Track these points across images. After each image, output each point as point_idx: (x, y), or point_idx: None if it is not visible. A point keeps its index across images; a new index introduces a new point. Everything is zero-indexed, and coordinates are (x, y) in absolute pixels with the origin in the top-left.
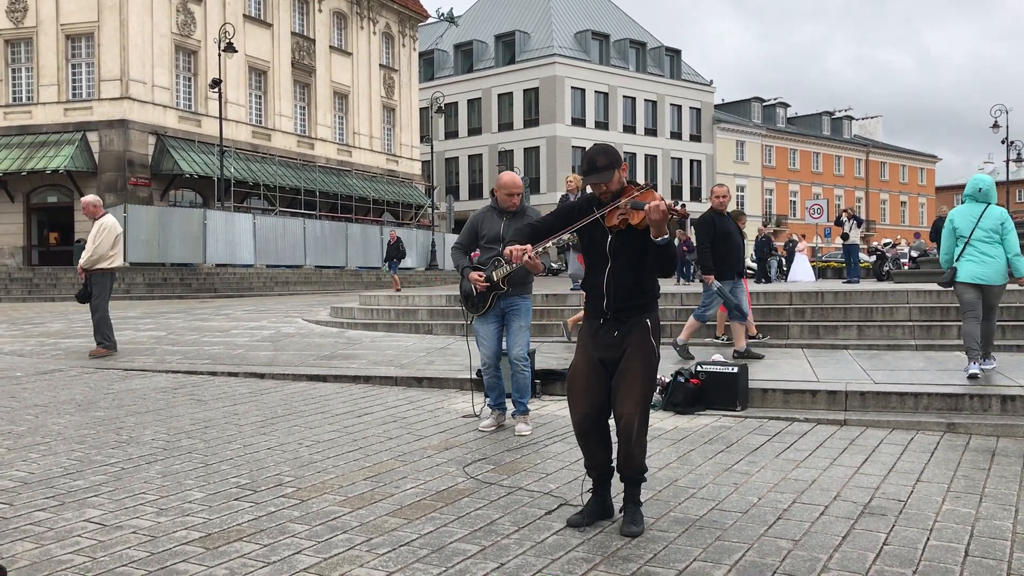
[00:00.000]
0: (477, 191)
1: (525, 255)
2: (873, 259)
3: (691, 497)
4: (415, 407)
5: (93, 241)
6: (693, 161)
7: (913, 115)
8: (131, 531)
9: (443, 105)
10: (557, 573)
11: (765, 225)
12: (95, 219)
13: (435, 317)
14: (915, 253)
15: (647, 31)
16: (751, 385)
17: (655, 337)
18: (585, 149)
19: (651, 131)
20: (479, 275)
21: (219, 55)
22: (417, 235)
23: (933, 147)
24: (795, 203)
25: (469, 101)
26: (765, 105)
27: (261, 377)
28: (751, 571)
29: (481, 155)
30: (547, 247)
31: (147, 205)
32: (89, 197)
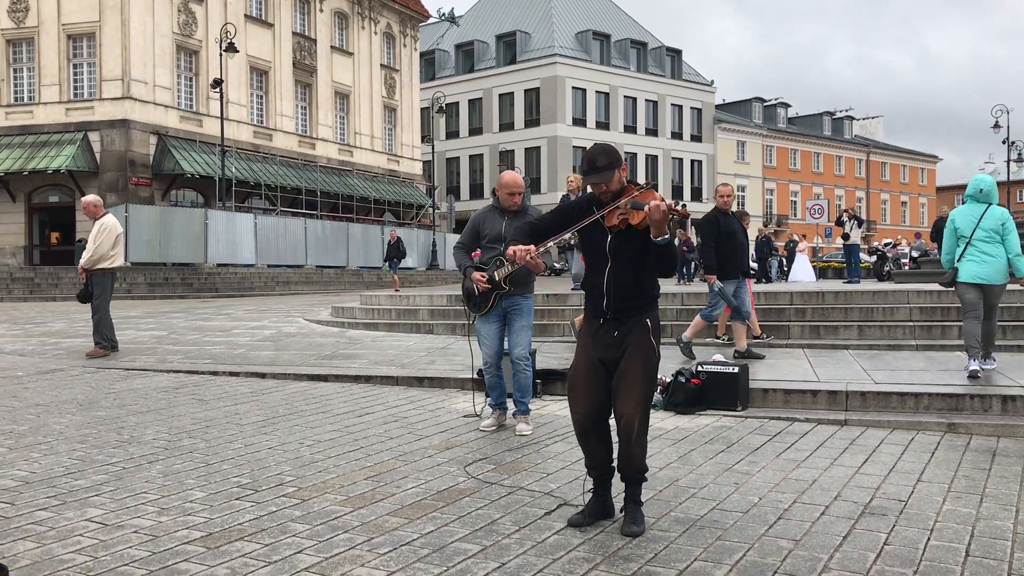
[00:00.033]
0: (478, 191)
1: (528, 255)
2: (874, 259)
3: (692, 497)
4: (416, 407)
5: (94, 241)
6: (694, 161)
7: (913, 115)
8: (132, 530)
9: (444, 105)
10: (559, 573)
11: (766, 225)
12: (96, 219)
13: (436, 317)
14: (916, 253)
15: (648, 31)
16: (752, 385)
17: (655, 337)
18: (586, 149)
19: (652, 131)
20: (481, 275)
21: (220, 55)
22: (418, 235)
23: (934, 147)
24: (796, 203)
25: (470, 101)
26: (766, 105)
27: (262, 377)
28: (752, 571)
29: (482, 155)
30: (549, 247)
31: (148, 205)
32: (89, 197)
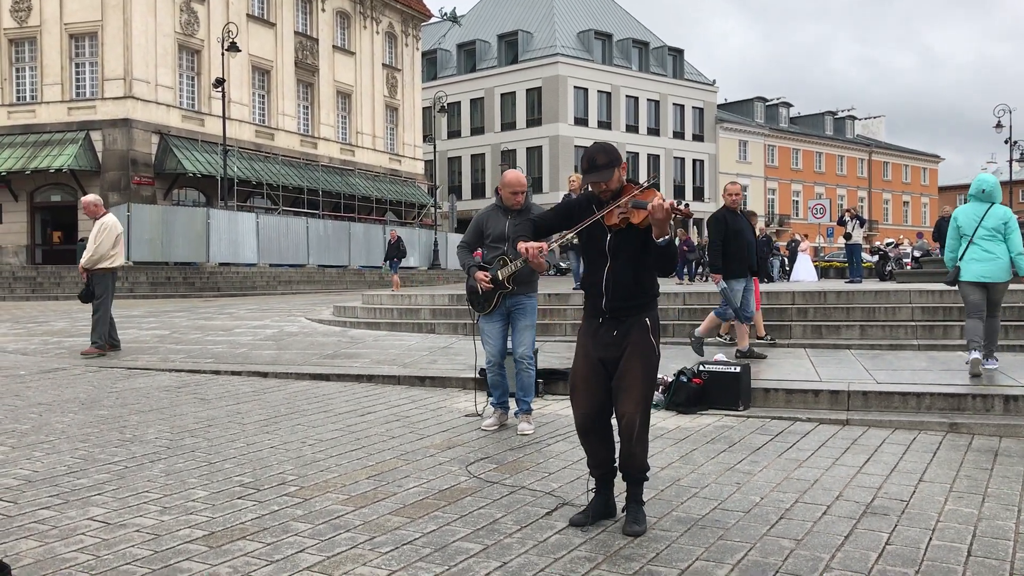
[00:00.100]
0: (479, 191)
1: (542, 251)
2: (876, 259)
3: (693, 496)
4: (418, 406)
5: (94, 241)
6: (696, 161)
7: (915, 115)
8: (135, 529)
9: (446, 104)
10: (560, 572)
11: (767, 225)
12: (96, 219)
13: (438, 316)
14: (918, 253)
15: (650, 31)
16: (754, 385)
17: (655, 336)
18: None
19: (654, 131)
20: (484, 274)
21: (222, 54)
22: (420, 234)
23: (936, 147)
24: (798, 203)
25: (472, 101)
26: (768, 105)
27: (264, 376)
28: (753, 570)
29: (484, 155)
30: (553, 247)
31: (151, 204)
32: (89, 197)
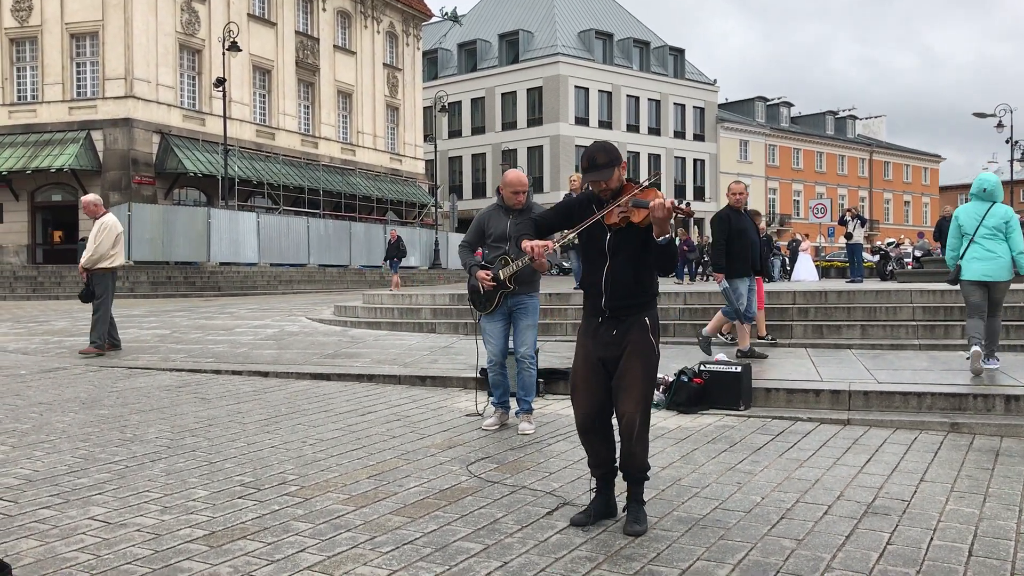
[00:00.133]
0: (480, 190)
1: (547, 249)
2: (877, 259)
3: (694, 496)
4: (418, 406)
5: (94, 240)
6: (697, 160)
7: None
8: (135, 529)
9: (447, 104)
10: (561, 572)
11: (768, 224)
12: (96, 218)
13: (438, 316)
14: (919, 253)
15: (651, 30)
16: (754, 384)
17: (654, 335)
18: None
19: (655, 130)
20: (486, 274)
21: (223, 54)
22: (420, 234)
23: (936, 147)
24: (799, 203)
25: (473, 100)
26: (769, 104)
27: (265, 375)
28: (754, 570)
29: (484, 154)
30: (554, 247)
31: (151, 204)
32: (89, 196)
